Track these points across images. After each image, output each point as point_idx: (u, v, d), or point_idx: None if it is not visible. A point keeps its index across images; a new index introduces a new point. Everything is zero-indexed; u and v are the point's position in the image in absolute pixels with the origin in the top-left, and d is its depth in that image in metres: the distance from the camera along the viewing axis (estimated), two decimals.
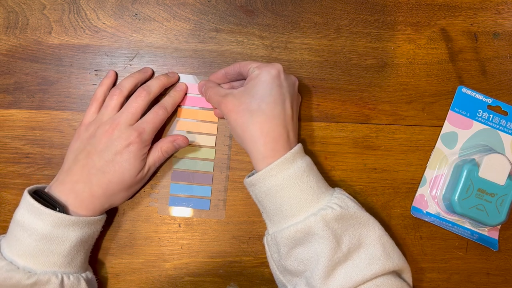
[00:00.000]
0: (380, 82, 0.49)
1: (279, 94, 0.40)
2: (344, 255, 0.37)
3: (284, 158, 0.39)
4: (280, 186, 0.39)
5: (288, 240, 0.39)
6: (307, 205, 0.39)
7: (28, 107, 0.46)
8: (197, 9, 0.48)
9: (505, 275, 0.48)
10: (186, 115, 0.47)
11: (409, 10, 0.50)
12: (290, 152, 0.39)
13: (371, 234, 0.39)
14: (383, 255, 0.38)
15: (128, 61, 0.47)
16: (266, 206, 0.41)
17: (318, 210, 0.38)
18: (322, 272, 0.37)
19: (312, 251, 0.38)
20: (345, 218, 0.38)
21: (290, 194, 0.39)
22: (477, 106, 0.49)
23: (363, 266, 0.37)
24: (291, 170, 0.39)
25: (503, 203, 0.44)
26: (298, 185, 0.39)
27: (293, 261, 0.39)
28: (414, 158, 0.48)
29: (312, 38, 0.49)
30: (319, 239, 0.37)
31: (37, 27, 0.47)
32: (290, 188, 0.39)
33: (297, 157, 0.40)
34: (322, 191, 0.40)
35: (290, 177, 0.39)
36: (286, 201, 0.39)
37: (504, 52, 0.50)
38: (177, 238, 0.46)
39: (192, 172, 0.47)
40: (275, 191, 0.39)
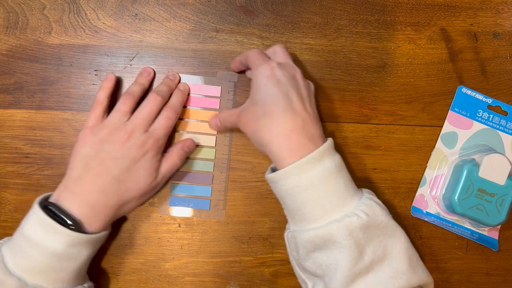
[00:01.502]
0: (380, 82, 0.49)
1: (278, 92, 0.38)
2: (366, 267, 0.35)
3: (309, 157, 0.36)
4: (304, 187, 0.36)
5: (307, 243, 0.36)
6: (331, 210, 0.36)
7: (28, 107, 0.46)
8: (197, 9, 0.48)
9: (505, 275, 0.48)
10: (187, 115, 0.47)
11: (409, 10, 0.50)
12: (317, 150, 0.36)
13: (397, 246, 0.36)
14: (409, 269, 0.35)
15: (128, 61, 0.47)
16: (287, 205, 0.38)
17: (343, 216, 0.35)
18: (340, 282, 0.34)
19: (332, 258, 0.35)
20: (371, 227, 0.35)
21: (314, 196, 0.36)
22: (477, 106, 0.49)
23: (386, 280, 0.34)
24: (317, 170, 0.36)
25: (503, 203, 0.44)
26: (324, 187, 0.36)
27: (312, 264, 0.37)
28: (414, 158, 0.48)
29: (312, 38, 0.49)
30: (340, 247, 0.35)
31: (37, 27, 0.47)
32: (314, 190, 0.36)
33: (325, 155, 0.36)
34: (350, 194, 0.37)
35: (315, 178, 0.36)
36: (309, 203, 0.36)
37: (504, 52, 0.50)
38: (177, 238, 0.46)
39: (192, 172, 0.47)
40: (297, 192, 0.36)
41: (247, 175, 0.47)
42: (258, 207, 0.47)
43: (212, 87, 0.47)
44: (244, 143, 0.47)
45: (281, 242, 0.47)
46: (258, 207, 0.47)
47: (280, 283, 0.47)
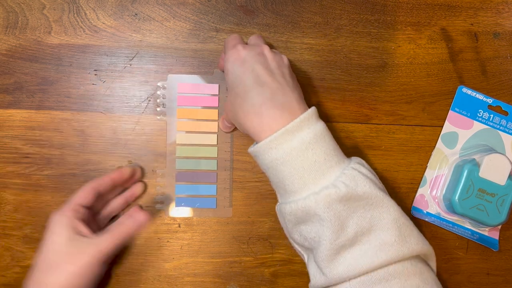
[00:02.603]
0: (381, 82, 0.49)
1: (244, 71, 0.37)
2: (349, 239, 0.34)
3: (284, 129, 0.35)
4: (281, 160, 0.35)
5: (290, 216, 0.36)
6: (311, 182, 0.35)
7: (28, 107, 0.46)
8: (197, 8, 0.48)
9: (505, 275, 0.48)
10: (186, 115, 0.47)
11: (409, 10, 0.50)
12: (293, 122, 0.35)
13: (384, 216, 0.35)
14: (398, 240, 0.34)
15: (128, 60, 0.47)
16: (270, 178, 0.38)
17: (321, 189, 0.34)
18: (325, 255, 0.34)
19: (314, 231, 0.35)
20: (352, 199, 0.34)
21: (292, 169, 0.35)
22: (477, 106, 0.49)
23: (372, 253, 0.34)
24: (293, 142, 0.35)
25: (503, 203, 0.44)
26: (301, 159, 0.35)
27: (298, 236, 0.37)
28: (414, 158, 0.48)
29: (312, 38, 0.49)
30: (320, 220, 0.34)
31: (37, 27, 0.47)
32: (292, 163, 0.35)
33: (303, 126, 0.35)
34: (331, 164, 0.35)
35: (293, 150, 0.35)
36: (288, 176, 0.35)
37: (505, 52, 0.50)
38: (177, 238, 0.46)
39: (196, 172, 0.47)
40: (276, 165, 0.36)
41: (247, 175, 0.47)
42: (258, 207, 0.47)
43: (210, 85, 0.47)
44: (244, 143, 0.47)
45: (281, 242, 0.47)
46: (258, 207, 0.47)
47: (280, 283, 0.47)
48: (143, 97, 0.47)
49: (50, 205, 0.46)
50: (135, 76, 0.47)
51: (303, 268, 0.47)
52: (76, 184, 0.46)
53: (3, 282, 0.45)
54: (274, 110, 0.36)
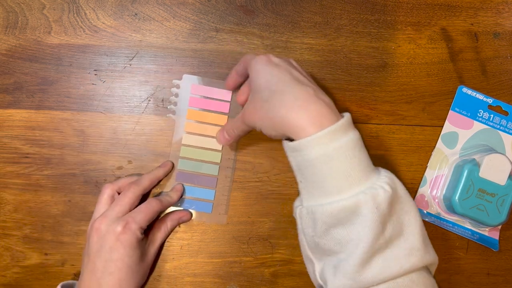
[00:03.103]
0: (381, 82, 0.49)
1: (280, 71, 0.37)
2: (385, 242, 0.34)
3: (337, 125, 0.34)
4: (330, 156, 0.34)
5: (328, 217, 0.34)
6: (357, 182, 0.34)
7: (28, 107, 0.46)
8: (197, 8, 0.48)
9: (505, 275, 0.48)
10: (195, 116, 0.47)
11: (409, 10, 0.50)
12: (343, 120, 0.34)
13: (413, 222, 0.35)
14: (423, 247, 0.34)
15: (128, 60, 0.47)
16: (307, 176, 0.36)
17: (368, 188, 0.34)
18: (360, 258, 0.33)
19: (354, 233, 0.34)
20: (394, 201, 0.34)
21: (339, 167, 0.34)
22: (477, 106, 0.49)
23: (402, 256, 0.34)
24: (343, 141, 0.34)
25: (503, 203, 0.44)
26: (350, 158, 0.34)
27: (329, 240, 0.35)
28: (414, 158, 0.48)
29: (312, 38, 0.49)
30: (364, 221, 0.33)
31: (37, 27, 0.47)
32: (340, 161, 0.34)
33: (350, 127, 0.35)
34: (372, 168, 0.36)
35: (342, 148, 0.34)
36: (333, 175, 0.34)
37: (505, 52, 0.50)
38: (177, 239, 0.46)
39: (197, 174, 0.47)
40: (322, 162, 0.34)
41: (247, 175, 0.47)
42: (258, 207, 0.47)
43: (224, 91, 0.47)
44: (245, 143, 0.47)
45: (281, 242, 0.47)
46: (258, 207, 0.47)
47: (280, 284, 0.47)
48: (143, 97, 0.47)
49: (50, 205, 0.46)
50: (135, 76, 0.47)
51: (303, 268, 0.46)
52: (76, 184, 0.46)
53: (3, 282, 0.45)
54: (322, 105, 0.35)
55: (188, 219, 0.46)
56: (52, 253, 0.46)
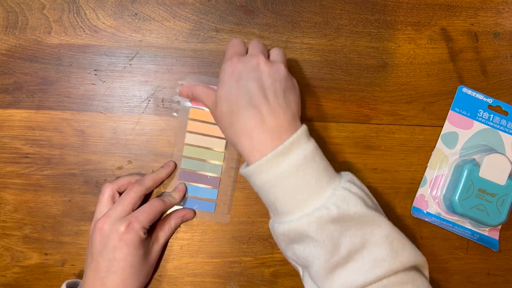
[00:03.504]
0: (381, 82, 0.49)
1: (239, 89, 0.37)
2: (343, 258, 0.35)
3: (274, 153, 0.35)
4: (272, 182, 0.36)
5: (283, 236, 0.37)
6: (303, 203, 0.35)
7: (28, 107, 0.46)
8: (197, 8, 0.48)
9: (505, 275, 0.48)
10: (198, 116, 0.46)
11: (409, 10, 0.50)
12: (281, 146, 0.35)
13: (376, 233, 0.35)
14: (390, 255, 0.35)
15: (128, 60, 0.47)
16: (262, 198, 0.39)
17: (313, 210, 0.35)
18: (319, 273, 0.35)
19: (307, 251, 0.36)
20: (344, 219, 0.35)
21: (284, 191, 0.36)
22: (477, 106, 0.49)
23: (366, 269, 0.34)
24: (283, 166, 0.35)
25: (503, 203, 0.44)
26: (293, 181, 0.35)
27: (292, 254, 0.38)
28: (414, 158, 0.48)
29: (312, 38, 0.49)
30: (313, 241, 0.35)
31: (37, 27, 0.47)
32: (283, 185, 0.35)
33: (293, 148, 0.36)
34: (321, 185, 0.36)
35: (282, 174, 0.35)
36: (280, 198, 0.36)
37: (505, 52, 0.50)
38: (177, 238, 0.46)
39: (200, 174, 0.47)
40: (268, 187, 0.36)
41: None
42: (258, 207, 0.47)
43: None
44: None
45: None
46: (258, 207, 0.47)
47: (280, 284, 0.47)
48: (143, 97, 0.47)
49: (50, 205, 0.46)
50: (135, 76, 0.47)
51: None
52: (76, 184, 0.46)
53: (3, 282, 0.45)
54: (264, 135, 0.36)
55: (192, 217, 0.46)
56: (52, 253, 0.46)
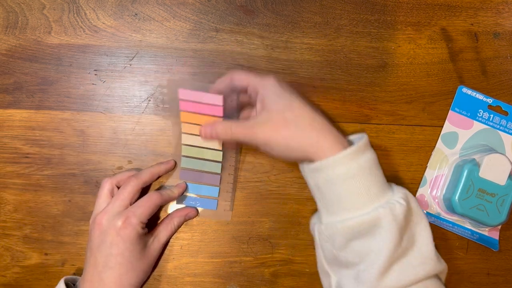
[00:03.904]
0: (381, 82, 0.49)
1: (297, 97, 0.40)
2: (402, 252, 0.37)
3: (358, 146, 0.38)
4: (351, 174, 0.37)
5: (348, 231, 0.37)
6: (375, 197, 0.37)
7: (28, 107, 0.46)
8: (197, 8, 0.48)
9: (505, 275, 0.48)
10: (189, 119, 0.44)
11: (409, 10, 0.50)
12: (362, 141, 0.38)
13: (424, 233, 0.38)
14: (435, 256, 0.37)
15: (128, 61, 0.47)
16: (326, 194, 0.39)
17: (385, 203, 0.37)
18: (380, 267, 0.36)
19: (374, 244, 0.37)
20: (409, 214, 0.38)
21: (360, 184, 0.37)
22: (477, 106, 0.49)
23: (417, 264, 0.36)
24: (362, 160, 0.38)
25: (503, 203, 0.44)
26: (369, 176, 0.38)
27: (349, 252, 0.38)
28: (414, 158, 0.48)
29: (312, 38, 0.49)
30: (384, 232, 0.36)
31: (37, 27, 0.47)
32: (360, 178, 0.37)
33: (367, 147, 0.39)
34: (387, 185, 0.39)
35: (361, 167, 0.37)
36: (354, 192, 0.37)
37: (505, 52, 0.50)
38: (177, 238, 0.46)
39: (200, 172, 0.46)
40: (342, 180, 0.38)
41: (247, 175, 0.47)
42: (258, 207, 0.47)
43: (213, 96, 0.43)
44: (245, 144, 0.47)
45: (281, 242, 0.47)
46: (258, 207, 0.47)
47: (280, 283, 0.47)
48: (143, 97, 0.47)
49: (50, 205, 0.46)
50: (135, 76, 0.47)
51: (303, 268, 0.47)
52: (76, 184, 0.46)
53: (3, 282, 0.45)
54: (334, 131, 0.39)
55: (195, 216, 0.46)
56: (52, 253, 0.46)
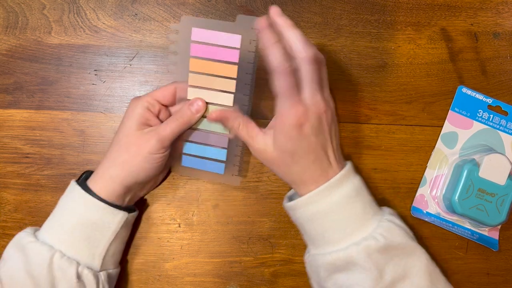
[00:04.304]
0: (380, 82, 0.49)
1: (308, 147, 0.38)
2: (387, 286, 0.36)
3: (328, 184, 0.37)
4: (324, 212, 0.38)
5: (329, 266, 0.38)
6: (351, 233, 0.37)
7: (28, 107, 0.46)
8: (197, 9, 0.48)
9: (505, 275, 0.48)
10: (200, 68, 0.40)
11: (409, 10, 0.50)
12: (334, 178, 0.38)
13: (417, 264, 0.37)
14: (430, 285, 0.37)
15: (128, 61, 0.47)
16: (307, 230, 0.40)
17: (361, 240, 0.37)
18: None
19: (352, 279, 0.37)
20: (389, 249, 0.37)
21: (334, 220, 0.38)
22: (477, 106, 0.49)
23: None
24: (336, 197, 0.38)
25: (503, 203, 0.44)
26: (343, 212, 0.38)
27: (333, 285, 0.38)
28: (414, 158, 0.48)
29: (312, 38, 0.49)
30: (360, 269, 0.36)
31: (37, 27, 0.47)
32: (334, 215, 0.38)
33: (344, 181, 0.38)
34: (368, 217, 0.38)
35: (334, 204, 0.38)
36: (329, 227, 0.38)
37: (505, 52, 0.50)
38: (177, 238, 0.46)
39: (207, 133, 0.43)
40: (318, 217, 0.38)
41: (248, 175, 0.47)
42: (258, 207, 0.47)
43: (231, 36, 0.39)
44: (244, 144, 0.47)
45: (281, 242, 0.47)
46: (258, 207, 0.47)
47: (280, 283, 0.47)
48: None
49: (50, 205, 0.46)
50: (135, 76, 0.47)
51: (303, 268, 0.47)
52: None
53: None
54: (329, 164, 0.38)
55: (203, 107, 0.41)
56: None
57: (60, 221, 0.39)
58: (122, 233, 0.41)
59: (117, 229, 0.40)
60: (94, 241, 0.39)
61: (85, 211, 0.39)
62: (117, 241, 0.41)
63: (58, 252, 0.37)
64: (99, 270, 0.39)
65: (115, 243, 0.40)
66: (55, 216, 0.40)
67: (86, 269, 0.38)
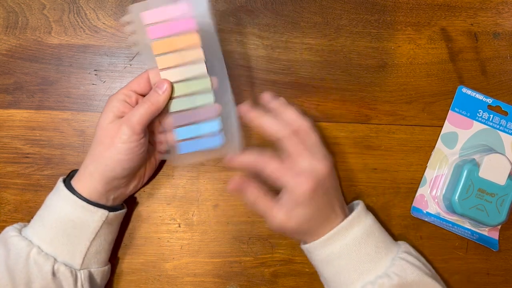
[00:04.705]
0: (380, 82, 0.49)
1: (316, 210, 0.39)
2: None
3: (340, 227, 0.39)
4: (337, 254, 0.39)
5: None
6: (366, 272, 0.39)
7: (28, 107, 0.46)
8: None
9: (505, 275, 0.48)
10: (163, 48, 0.40)
11: (409, 10, 0.50)
12: (346, 220, 0.40)
13: None
14: None
15: (128, 61, 0.47)
16: (323, 273, 0.41)
17: (376, 278, 0.38)
18: None
19: None
20: (403, 285, 0.38)
21: (347, 262, 0.39)
22: (477, 106, 0.49)
23: None
24: (347, 239, 0.39)
25: (503, 203, 0.44)
26: (356, 253, 0.39)
27: None
28: (414, 158, 0.48)
29: (312, 38, 0.49)
30: None
31: (37, 27, 0.47)
32: (347, 257, 0.39)
33: (354, 223, 0.40)
34: (381, 256, 0.40)
35: (346, 246, 0.39)
36: (343, 269, 0.39)
37: (505, 52, 0.50)
38: (177, 238, 0.46)
39: (193, 110, 0.41)
40: (332, 259, 0.40)
41: None
42: None
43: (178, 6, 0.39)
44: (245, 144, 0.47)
45: (281, 242, 0.47)
46: None
47: (280, 283, 0.47)
48: None
49: None
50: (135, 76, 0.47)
51: (303, 268, 0.47)
52: None
53: None
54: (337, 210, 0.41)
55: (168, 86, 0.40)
56: None
57: (43, 218, 0.40)
58: (104, 231, 0.41)
59: (97, 228, 0.40)
60: (74, 239, 0.39)
61: (65, 209, 0.39)
62: (100, 240, 0.40)
63: (36, 247, 0.38)
64: (80, 268, 0.39)
65: (97, 242, 0.40)
66: (40, 213, 0.40)
67: (63, 266, 0.38)
